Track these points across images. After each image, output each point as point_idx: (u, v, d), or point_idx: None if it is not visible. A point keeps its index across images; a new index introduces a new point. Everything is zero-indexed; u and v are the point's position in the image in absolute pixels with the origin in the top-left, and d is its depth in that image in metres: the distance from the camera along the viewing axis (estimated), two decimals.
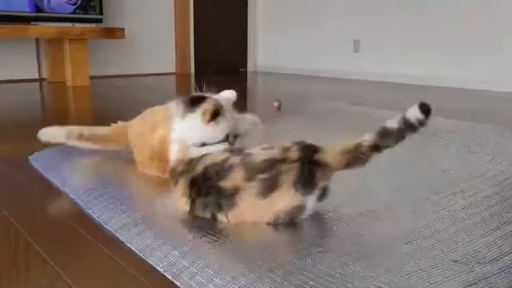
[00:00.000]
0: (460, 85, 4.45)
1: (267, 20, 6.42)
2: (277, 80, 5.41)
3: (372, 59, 5.21)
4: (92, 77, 4.53)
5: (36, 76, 4.84)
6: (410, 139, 1.05)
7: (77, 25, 4.55)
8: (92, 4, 4.68)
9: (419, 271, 0.85)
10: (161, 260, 0.92)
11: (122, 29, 4.59)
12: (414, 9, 4.75)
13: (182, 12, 5.84)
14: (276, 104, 2.91)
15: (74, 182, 1.40)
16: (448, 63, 4.52)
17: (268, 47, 6.46)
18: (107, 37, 4.53)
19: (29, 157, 1.70)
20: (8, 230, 1.08)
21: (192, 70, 6.07)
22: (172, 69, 5.80)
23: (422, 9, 4.68)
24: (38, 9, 4.39)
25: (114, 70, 5.31)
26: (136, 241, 1.00)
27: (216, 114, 1.16)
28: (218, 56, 6.31)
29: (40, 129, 1.69)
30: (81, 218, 1.17)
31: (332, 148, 1.06)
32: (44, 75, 4.86)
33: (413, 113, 1.03)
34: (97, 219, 1.14)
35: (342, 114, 2.54)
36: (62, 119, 2.77)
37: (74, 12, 4.59)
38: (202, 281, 0.83)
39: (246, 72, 6.49)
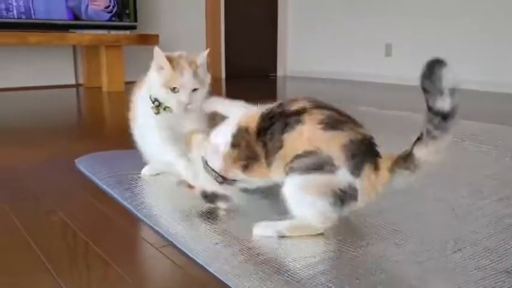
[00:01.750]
0: (494, 89, 4.36)
1: (297, 25, 6.44)
2: (307, 85, 5.42)
3: (404, 62, 5.15)
4: (127, 83, 4.63)
5: (73, 82, 4.99)
6: (453, 144, 1.05)
7: (112, 32, 4.67)
8: (127, 12, 4.80)
9: (472, 283, 0.85)
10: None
11: (156, 36, 4.68)
12: (446, 13, 4.68)
13: (213, 18, 5.92)
14: None
15: (120, 185, 1.45)
16: (480, 66, 4.44)
17: (298, 52, 6.47)
18: (142, 43, 4.63)
19: (76, 160, 1.77)
20: (65, 232, 1.13)
21: (223, 75, 6.13)
22: None
23: (455, 13, 4.60)
24: (76, 17, 4.53)
25: None
26: (193, 244, 1.03)
27: None
28: (248, 61, 6.36)
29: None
30: (132, 221, 1.21)
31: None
32: (81, 81, 5.00)
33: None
34: (147, 221, 1.18)
35: (375, 119, 2.53)
36: (99, 124, 2.86)
37: (109, 20, 4.71)
38: None
39: (276, 77, 6.52)
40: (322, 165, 0.98)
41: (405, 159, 0.98)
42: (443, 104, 0.92)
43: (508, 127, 2.38)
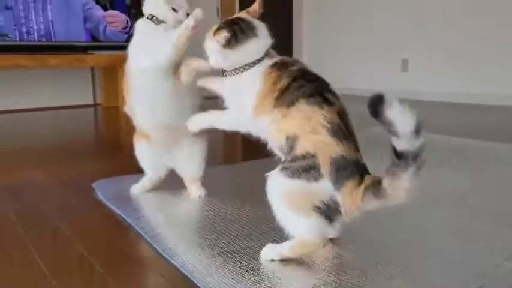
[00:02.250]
0: (510, 103, 4.28)
1: (312, 40, 6.45)
2: None
3: (421, 78, 5.11)
4: None
5: (92, 102, 5.07)
6: (480, 165, 1.03)
7: None
8: None
9: None
10: None
11: None
12: (463, 28, 4.64)
13: None
14: None
15: (136, 213, 1.45)
16: (497, 81, 4.37)
17: (314, 68, 6.46)
18: None
19: (93, 184, 1.78)
20: (81, 263, 1.14)
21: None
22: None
23: (472, 28, 4.56)
24: (94, 38, 4.61)
25: None
26: (210, 278, 1.02)
27: None
28: None
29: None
30: (145, 251, 1.21)
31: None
32: (99, 100, 5.08)
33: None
34: (163, 254, 1.18)
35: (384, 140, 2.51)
36: (116, 142, 2.89)
37: (126, 40, 4.78)
38: None
39: None
40: (309, 169, 0.98)
41: (375, 185, 0.96)
42: (398, 143, 0.89)
43: None
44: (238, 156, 2.68)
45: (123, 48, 5.41)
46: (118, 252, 1.23)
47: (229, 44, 1.11)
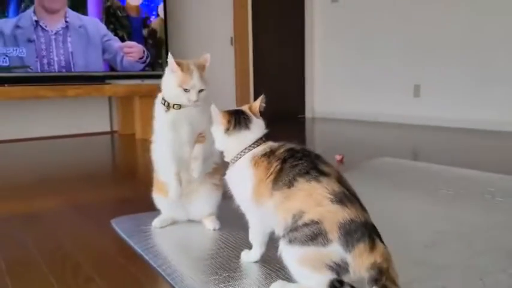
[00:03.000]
0: None
1: (324, 66, 6.54)
2: (336, 127, 5.46)
3: (433, 104, 5.14)
4: None
5: (108, 129, 5.20)
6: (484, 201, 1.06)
7: (146, 81, 4.89)
8: (159, 61, 5.02)
9: None
10: None
11: None
12: (476, 53, 4.68)
13: (242, 65, 6.10)
14: (338, 157, 2.95)
15: (154, 250, 1.51)
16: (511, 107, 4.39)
17: (326, 93, 6.55)
18: None
19: (112, 221, 1.85)
20: None
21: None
22: None
23: (485, 53, 4.60)
24: (111, 68, 4.77)
25: None
26: None
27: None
28: (277, 104, 6.46)
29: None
30: (155, 281, 1.27)
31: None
32: (115, 128, 5.20)
33: None
34: None
35: (398, 172, 2.54)
36: (132, 167, 2.97)
37: (143, 70, 4.94)
38: None
39: (304, 118, 6.59)
40: (316, 236, 1.03)
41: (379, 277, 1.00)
42: None
43: None
44: None
45: (139, 77, 5.57)
46: (133, 286, 1.28)
47: (228, 130, 1.28)
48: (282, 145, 1.23)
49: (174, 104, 1.60)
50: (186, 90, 1.54)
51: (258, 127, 1.31)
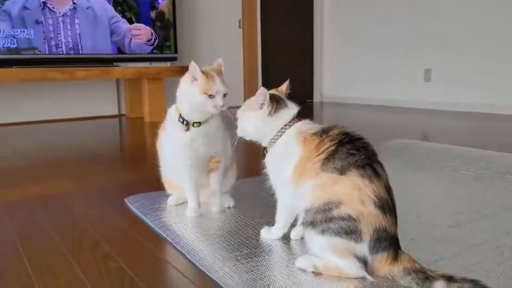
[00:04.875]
0: None
1: (333, 50, 6.47)
2: (345, 111, 5.40)
3: (444, 88, 5.07)
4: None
5: (116, 112, 5.17)
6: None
7: (154, 64, 4.84)
8: (168, 44, 4.96)
9: None
10: None
11: None
12: (488, 37, 4.60)
13: (250, 49, 6.03)
14: None
15: (171, 228, 1.49)
16: None
17: (335, 78, 6.48)
18: (183, 75, 4.76)
19: (126, 199, 1.83)
20: (122, 277, 1.17)
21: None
22: (241, 103, 5.95)
23: (494, 37, 4.52)
24: (119, 50, 4.72)
25: None
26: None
27: None
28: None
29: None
30: (183, 265, 1.24)
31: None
32: (123, 111, 5.17)
33: None
34: (200, 267, 1.21)
35: (416, 153, 2.49)
36: (141, 150, 2.94)
37: (151, 52, 4.88)
38: None
39: (312, 103, 6.54)
40: (350, 233, 1.06)
41: (423, 278, 1.02)
42: None
43: None
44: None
45: (148, 60, 5.52)
46: (155, 264, 1.26)
47: (270, 112, 1.28)
48: (334, 126, 1.20)
49: (194, 123, 1.54)
50: (210, 96, 1.47)
51: (292, 105, 1.32)
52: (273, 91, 1.34)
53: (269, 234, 1.35)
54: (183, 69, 4.80)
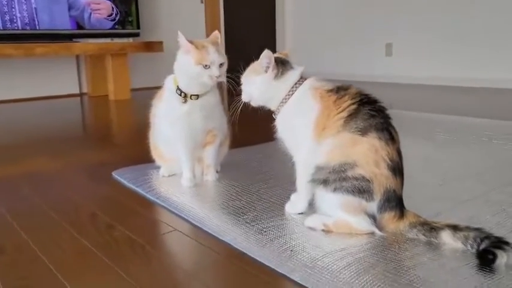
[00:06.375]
0: (504, 85, 4.43)
1: (296, 26, 6.48)
2: None
3: (405, 62, 5.22)
4: (132, 90, 4.63)
5: (77, 91, 4.97)
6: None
7: (116, 40, 4.67)
8: (130, 19, 4.80)
9: None
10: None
11: (161, 42, 4.69)
12: (447, 11, 4.75)
13: (212, 22, 5.93)
14: None
15: (173, 200, 1.47)
16: (481, 64, 4.51)
17: (297, 52, 6.50)
18: (147, 51, 4.64)
19: (113, 172, 1.79)
20: (132, 244, 1.16)
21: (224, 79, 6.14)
22: None
23: (456, 11, 4.68)
24: (79, 26, 4.52)
25: (152, 82, 5.41)
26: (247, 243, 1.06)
27: None
28: (247, 63, 6.35)
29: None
30: (193, 231, 1.24)
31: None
32: (84, 89, 4.98)
33: None
34: (211, 232, 1.21)
35: (395, 121, 2.57)
36: (112, 130, 2.86)
37: (112, 28, 4.71)
38: None
39: None
40: (363, 192, 1.10)
41: (429, 229, 1.09)
42: None
43: None
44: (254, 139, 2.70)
45: (109, 36, 5.29)
46: (162, 232, 1.25)
47: (277, 75, 1.26)
48: (349, 85, 1.22)
49: (191, 95, 1.52)
50: (206, 66, 1.45)
51: (297, 65, 1.32)
52: (276, 54, 1.33)
53: (294, 209, 1.29)
54: (148, 45, 4.71)
